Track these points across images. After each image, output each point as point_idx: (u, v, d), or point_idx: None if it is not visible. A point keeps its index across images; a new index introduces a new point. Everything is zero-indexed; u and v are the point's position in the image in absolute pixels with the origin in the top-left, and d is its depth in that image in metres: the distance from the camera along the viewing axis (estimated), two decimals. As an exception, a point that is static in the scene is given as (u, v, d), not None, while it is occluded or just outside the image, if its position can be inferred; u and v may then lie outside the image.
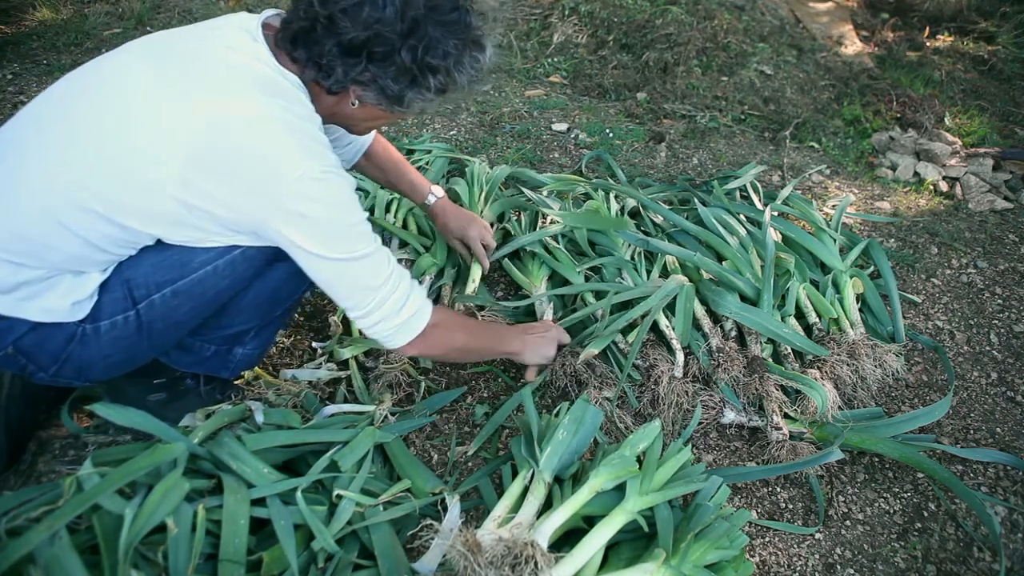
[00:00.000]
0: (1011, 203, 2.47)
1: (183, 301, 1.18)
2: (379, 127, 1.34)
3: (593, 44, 3.40)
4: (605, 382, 1.56)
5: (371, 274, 1.19)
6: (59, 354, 1.15)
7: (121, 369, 1.25)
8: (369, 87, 1.11)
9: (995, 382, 1.78)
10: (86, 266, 1.12)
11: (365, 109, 1.18)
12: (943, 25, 3.78)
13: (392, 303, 1.21)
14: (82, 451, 1.42)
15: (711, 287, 1.76)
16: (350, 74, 1.08)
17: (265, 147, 1.03)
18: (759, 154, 2.70)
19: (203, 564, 1.04)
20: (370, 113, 1.20)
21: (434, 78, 1.12)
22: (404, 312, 1.24)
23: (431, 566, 1.15)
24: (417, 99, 1.14)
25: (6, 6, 3.36)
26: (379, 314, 1.21)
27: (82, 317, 1.13)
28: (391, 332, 1.24)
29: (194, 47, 1.09)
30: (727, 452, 1.56)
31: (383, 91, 1.12)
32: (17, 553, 0.90)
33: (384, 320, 1.22)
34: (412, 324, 1.25)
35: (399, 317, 1.23)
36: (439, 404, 1.60)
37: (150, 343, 1.22)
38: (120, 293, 1.15)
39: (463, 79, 1.15)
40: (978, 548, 1.40)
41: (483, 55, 1.17)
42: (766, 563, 1.35)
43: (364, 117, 1.22)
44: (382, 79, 1.09)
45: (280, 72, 1.09)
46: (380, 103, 1.14)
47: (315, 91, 1.15)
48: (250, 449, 1.23)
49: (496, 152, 2.60)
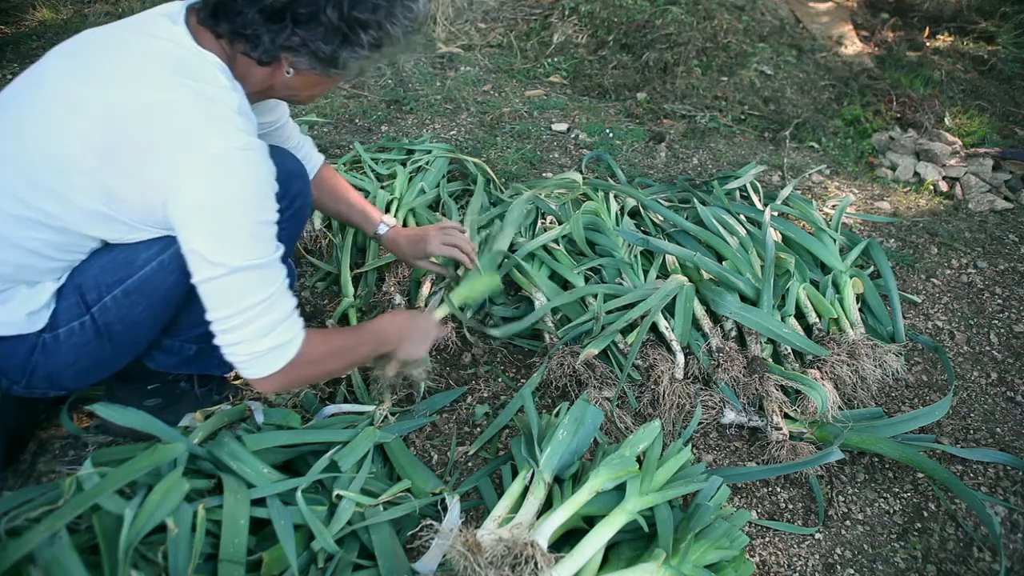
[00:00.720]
0: (1011, 203, 2.47)
1: (136, 300, 1.14)
2: (322, 93, 1.25)
3: (593, 44, 3.40)
4: (605, 382, 1.56)
5: (250, 289, 1.06)
6: (25, 366, 1.13)
7: (94, 375, 1.22)
8: (300, 52, 1.06)
9: (995, 382, 1.78)
10: (37, 276, 1.10)
11: (301, 76, 1.13)
12: (943, 25, 3.78)
13: (257, 327, 1.07)
14: (82, 451, 1.42)
15: (711, 287, 1.76)
16: (277, 40, 1.04)
17: (164, 129, 0.98)
18: (759, 154, 2.70)
19: (203, 564, 1.04)
20: (308, 80, 1.14)
21: (365, 33, 1.07)
22: (266, 341, 1.08)
23: (431, 566, 1.15)
24: (352, 58, 1.09)
25: (6, 6, 3.36)
26: (238, 335, 1.07)
27: (41, 327, 1.11)
28: (246, 360, 1.09)
29: (114, 38, 1.07)
30: (727, 452, 1.56)
31: (315, 55, 1.07)
32: (17, 553, 0.90)
33: (242, 344, 1.08)
34: (271, 357, 1.10)
35: (258, 345, 1.08)
36: (439, 404, 1.60)
37: (115, 346, 1.18)
38: (73, 299, 1.13)
39: (397, 31, 1.10)
40: (978, 548, 1.40)
41: (416, 3, 1.10)
42: (766, 563, 1.35)
43: (302, 85, 1.16)
44: (312, 42, 1.05)
45: (196, 52, 1.04)
46: (315, 67, 1.09)
47: (246, 65, 1.10)
48: (250, 449, 1.23)
49: (496, 152, 2.60)
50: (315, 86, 1.18)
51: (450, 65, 3.26)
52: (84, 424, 1.48)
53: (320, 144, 2.55)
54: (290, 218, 1.24)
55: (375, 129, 2.72)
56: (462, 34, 3.53)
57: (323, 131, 2.66)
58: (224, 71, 1.06)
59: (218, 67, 1.05)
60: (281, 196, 1.16)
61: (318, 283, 1.95)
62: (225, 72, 1.06)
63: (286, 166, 1.22)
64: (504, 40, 3.49)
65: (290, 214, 1.24)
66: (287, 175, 1.21)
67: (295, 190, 1.27)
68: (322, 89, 1.21)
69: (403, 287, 1.85)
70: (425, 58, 3.29)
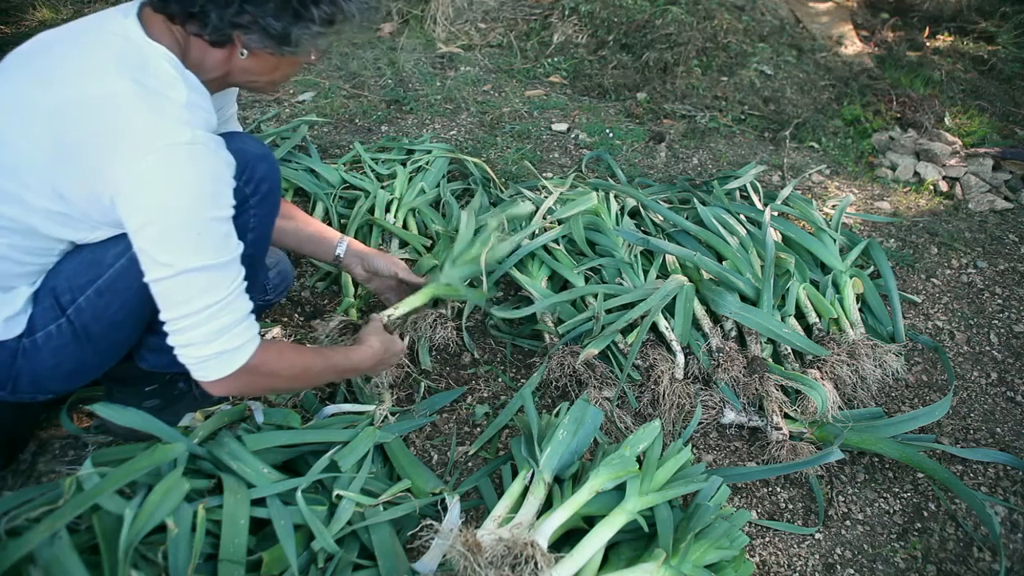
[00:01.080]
0: (1011, 203, 2.47)
1: (110, 299, 1.13)
2: (283, 79, 1.22)
3: (593, 44, 3.40)
4: (605, 382, 1.56)
5: (201, 291, 1.04)
6: (9, 372, 1.13)
7: (80, 377, 1.21)
8: (251, 30, 1.04)
9: (995, 382, 1.78)
10: (11, 280, 1.10)
11: (257, 59, 1.11)
12: (943, 25, 3.78)
13: (207, 331, 1.06)
14: (82, 451, 1.42)
15: (711, 287, 1.77)
16: (226, 17, 1.02)
17: (107, 126, 0.97)
18: (759, 154, 2.70)
19: (203, 564, 1.04)
20: (265, 63, 1.12)
21: (317, 8, 1.05)
22: (215, 345, 1.07)
23: (431, 566, 1.15)
24: (305, 35, 1.06)
25: (6, 6, 3.36)
26: (187, 337, 1.06)
27: (20, 332, 1.11)
28: (194, 363, 1.08)
29: (69, 37, 1.06)
30: (727, 452, 1.56)
31: (266, 31, 1.04)
32: (17, 553, 0.90)
33: (191, 346, 1.06)
34: (220, 362, 1.08)
35: (207, 348, 1.07)
36: (439, 404, 1.60)
37: (96, 348, 1.17)
38: (48, 303, 1.12)
39: (351, 7, 1.08)
40: (978, 548, 1.40)
41: None
42: (766, 563, 1.35)
43: (260, 69, 1.14)
44: (262, 18, 1.03)
45: (142, 44, 1.03)
46: (267, 46, 1.07)
47: (202, 51, 1.09)
48: (250, 449, 1.23)
49: (496, 152, 2.60)
50: (273, 69, 1.15)
51: (450, 65, 3.26)
52: (84, 424, 1.48)
53: (320, 144, 2.55)
54: (259, 203, 1.22)
55: (375, 129, 2.72)
56: (462, 34, 3.53)
57: (323, 131, 2.66)
58: (172, 62, 1.04)
59: (165, 58, 1.03)
60: (247, 181, 1.15)
61: (318, 283, 1.95)
62: (173, 63, 1.04)
63: (248, 150, 1.20)
64: (504, 40, 3.49)
65: (258, 199, 1.21)
66: (250, 158, 1.18)
67: (260, 173, 1.22)
68: (282, 74, 1.18)
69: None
70: (425, 58, 3.29)
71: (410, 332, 1.64)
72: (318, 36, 1.08)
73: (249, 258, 1.23)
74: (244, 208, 1.17)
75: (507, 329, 1.83)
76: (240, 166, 1.12)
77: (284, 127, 2.53)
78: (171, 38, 1.06)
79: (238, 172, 1.11)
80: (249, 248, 1.21)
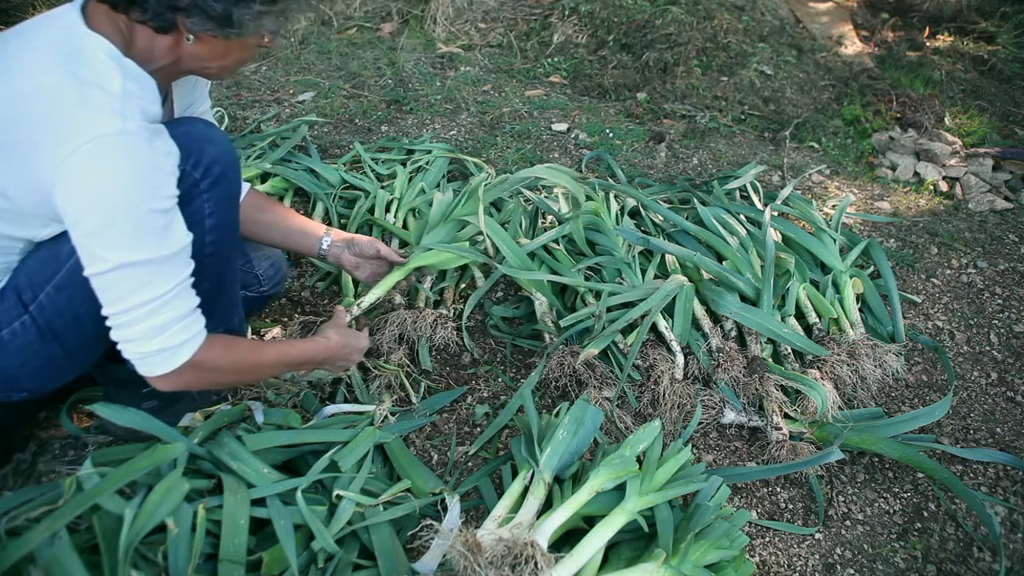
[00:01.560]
0: (1011, 203, 2.47)
1: (70, 295, 1.11)
2: (236, 65, 1.18)
3: (593, 44, 3.41)
4: (605, 382, 1.56)
5: (140, 286, 1.02)
6: None
7: (52, 374, 1.20)
8: (191, 12, 1.01)
9: (995, 382, 1.78)
10: None
11: (205, 43, 1.08)
12: (943, 25, 3.78)
13: (148, 327, 1.04)
14: (82, 451, 1.42)
15: (711, 287, 1.77)
16: (164, 1, 1.00)
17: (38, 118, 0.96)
18: (759, 154, 2.70)
19: (203, 564, 1.04)
20: (214, 48, 1.09)
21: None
22: (157, 342, 1.05)
23: (431, 566, 1.15)
24: (247, 15, 1.03)
25: (6, 6, 3.36)
26: (128, 332, 1.04)
27: None
28: (137, 358, 1.07)
29: (18, 33, 1.05)
30: (727, 452, 1.56)
31: (206, 13, 1.01)
32: (17, 553, 0.90)
33: (132, 342, 1.05)
34: (163, 358, 1.07)
35: (148, 345, 1.05)
36: (439, 404, 1.60)
37: (62, 344, 1.16)
38: (12, 300, 1.11)
39: None
40: (978, 548, 1.40)
41: None
42: (766, 563, 1.35)
43: (210, 54, 1.11)
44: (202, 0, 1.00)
45: (79, 34, 1.01)
46: (210, 28, 1.04)
47: (148, 39, 1.06)
48: (250, 449, 1.23)
49: (496, 152, 2.60)
50: (224, 54, 1.13)
51: (450, 65, 3.26)
52: (84, 424, 1.48)
53: (320, 144, 2.55)
54: (211, 186, 1.18)
55: (375, 129, 2.72)
56: (462, 34, 3.54)
57: (323, 131, 2.66)
58: (109, 51, 1.02)
59: (102, 48, 1.01)
60: (195, 164, 1.13)
61: (318, 283, 1.95)
62: (111, 52, 1.02)
63: (194, 132, 1.17)
64: (504, 40, 3.49)
65: (210, 182, 1.17)
66: (196, 141, 1.15)
67: (209, 155, 1.17)
68: (234, 59, 1.16)
69: (403, 287, 1.85)
70: (425, 58, 3.29)
71: (410, 332, 1.64)
72: (262, 16, 1.05)
73: (215, 245, 1.21)
74: (195, 193, 1.15)
75: (507, 329, 1.83)
76: (186, 150, 1.10)
77: (284, 127, 2.53)
78: (114, 28, 1.04)
79: (184, 156, 1.09)
80: (212, 235, 1.19)
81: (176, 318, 1.06)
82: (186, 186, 1.10)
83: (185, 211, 1.10)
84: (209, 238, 1.19)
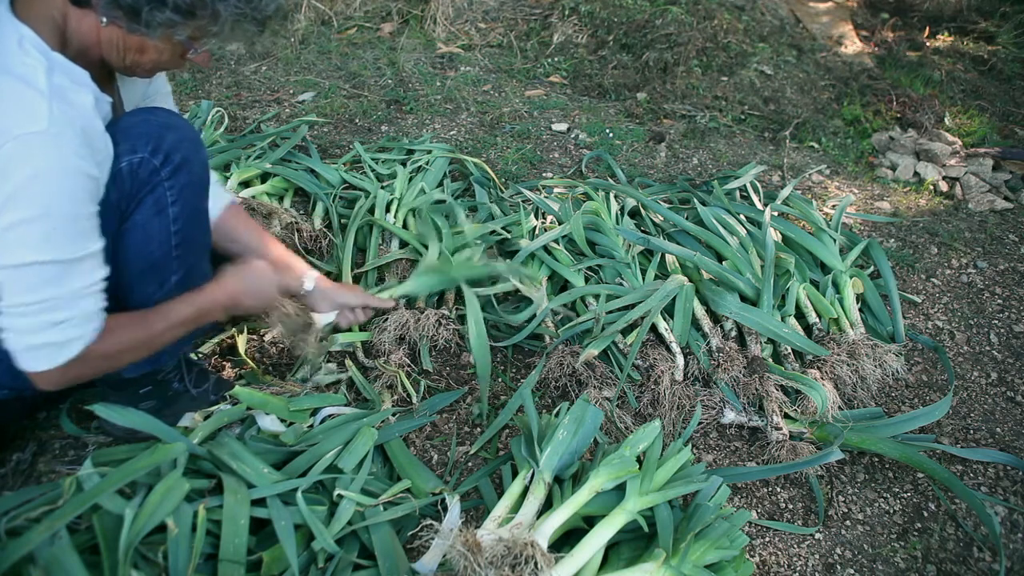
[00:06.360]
0: (1011, 203, 2.47)
1: None
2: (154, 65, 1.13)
3: (593, 44, 3.41)
4: (605, 382, 1.56)
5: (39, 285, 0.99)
6: None
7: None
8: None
9: (995, 382, 1.78)
10: None
11: (117, 32, 1.05)
12: (943, 25, 3.78)
13: (36, 322, 1.00)
14: (82, 451, 1.42)
15: (711, 287, 1.77)
16: None
17: None
18: (759, 154, 2.70)
19: (203, 564, 1.04)
20: (127, 39, 1.06)
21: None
22: (41, 336, 1.01)
23: (431, 566, 1.15)
24: (157, 18, 1.00)
25: (6, 6, 3.36)
26: (16, 323, 1.01)
27: None
28: (19, 351, 1.03)
29: None
30: (727, 452, 1.56)
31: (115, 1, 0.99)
32: (17, 553, 0.90)
33: (14, 333, 1.01)
34: (44, 354, 1.03)
35: (34, 338, 1.01)
36: (439, 404, 1.60)
37: None
38: None
39: (219, 6, 1.01)
40: (978, 548, 1.40)
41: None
42: (766, 563, 1.35)
43: (124, 44, 1.07)
44: None
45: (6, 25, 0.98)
46: (117, 17, 1.01)
47: (77, 19, 1.03)
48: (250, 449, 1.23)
49: (496, 152, 2.60)
50: (139, 50, 1.09)
51: (450, 65, 3.26)
52: (84, 424, 1.48)
53: (320, 144, 2.55)
54: (173, 174, 1.15)
55: (375, 129, 2.72)
56: (462, 34, 3.54)
57: (323, 131, 2.66)
58: (33, 42, 0.99)
59: (29, 39, 0.98)
60: (154, 151, 1.11)
61: (318, 283, 1.94)
62: (37, 44, 0.99)
63: (154, 120, 1.14)
64: (504, 40, 3.49)
65: (170, 170, 1.14)
66: (156, 128, 1.13)
67: (169, 143, 1.14)
68: (149, 59, 1.11)
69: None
70: (425, 58, 3.29)
71: (412, 333, 1.64)
72: (174, 25, 1.02)
73: (181, 234, 1.18)
74: (156, 181, 1.13)
75: (507, 329, 1.83)
76: (144, 138, 1.08)
77: (284, 127, 2.53)
78: (45, 15, 1.01)
79: (143, 144, 1.08)
80: (178, 223, 1.16)
81: (70, 318, 1.03)
82: (146, 174, 1.08)
83: (148, 199, 1.08)
84: (175, 227, 1.17)
